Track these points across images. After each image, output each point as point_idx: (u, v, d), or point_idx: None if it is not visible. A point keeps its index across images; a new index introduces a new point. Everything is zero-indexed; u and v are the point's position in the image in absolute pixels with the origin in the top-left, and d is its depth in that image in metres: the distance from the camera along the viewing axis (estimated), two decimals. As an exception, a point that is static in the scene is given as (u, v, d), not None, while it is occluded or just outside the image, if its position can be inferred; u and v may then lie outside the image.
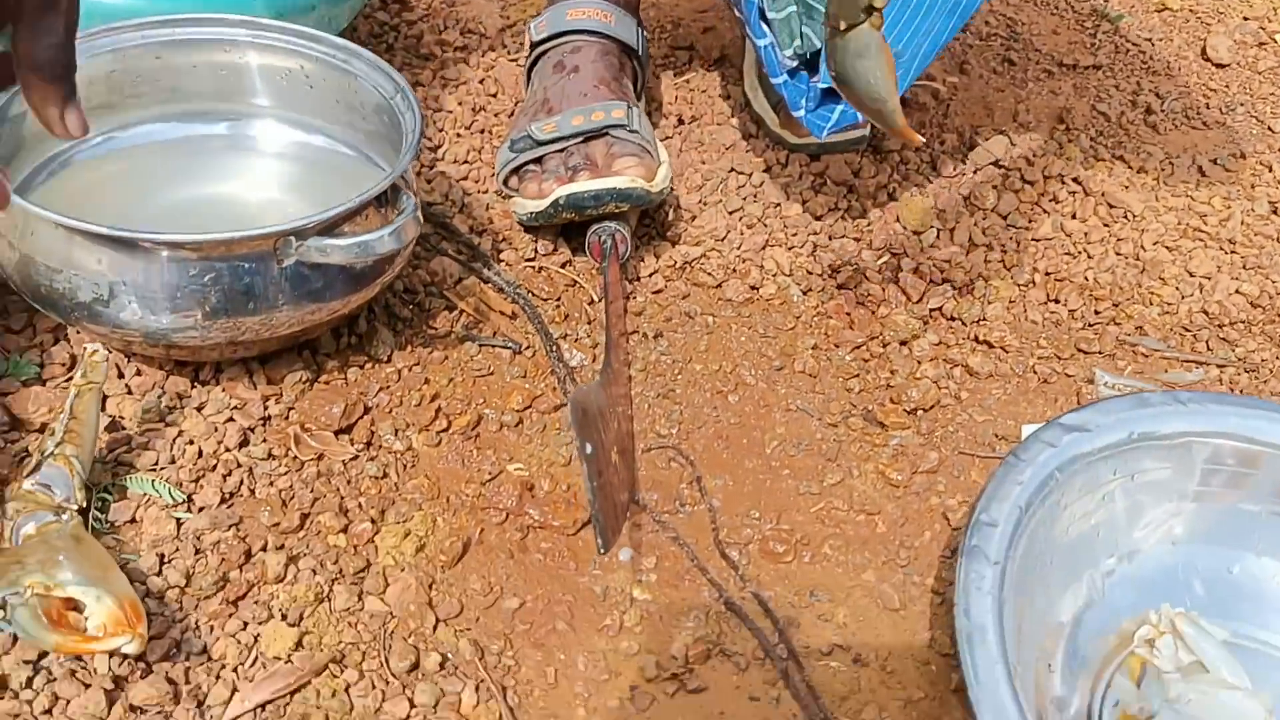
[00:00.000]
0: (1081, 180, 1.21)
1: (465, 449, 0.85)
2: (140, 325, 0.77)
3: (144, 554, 0.74)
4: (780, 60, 0.99)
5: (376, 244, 0.78)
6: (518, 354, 0.93)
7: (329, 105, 0.96)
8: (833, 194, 1.15)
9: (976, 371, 0.99)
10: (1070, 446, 0.76)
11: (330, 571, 0.75)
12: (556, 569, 0.78)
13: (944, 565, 0.83)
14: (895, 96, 0.74)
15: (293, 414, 0.84)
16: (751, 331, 1.00)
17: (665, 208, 1.09)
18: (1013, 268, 1.10)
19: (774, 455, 0.89)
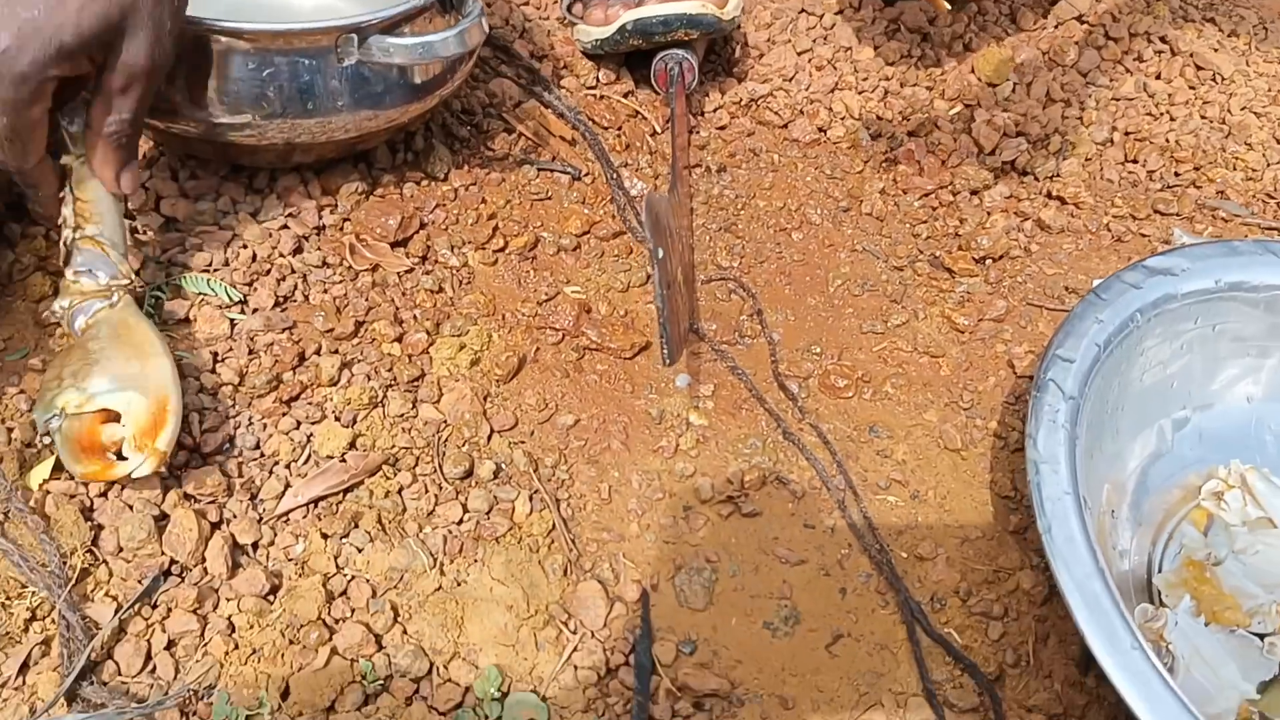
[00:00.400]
0: (1169, 40, 1.15)
1: (522, 269, 0.83)
2: (196, 121, 0.75)
3: (198, 351, 0.73)
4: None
5: (440, 46, 0.75)
6: (577, 180, 0.90)
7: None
8: (906, 41, 1.10)
9: (1048, 225, 0.95)
10: (1154, 289, 0.73)
11: (384, 378, 0.73)
12: (612, 390, 0.77)
13: (1008, 411, 0.81)
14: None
15: (348, 224, 0.82)
16: (818, 172, 0.96)
17: (732, 43, 1.05)
18: (1091, 125, 1.06)
19: (837, 294, 0.86)
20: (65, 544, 0.63)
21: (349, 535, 0.66)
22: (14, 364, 0.71)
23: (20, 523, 0.63)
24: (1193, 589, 0.69)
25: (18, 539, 0.62)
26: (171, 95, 0.74)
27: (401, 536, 0.66)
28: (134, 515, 0.64)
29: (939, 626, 0.68)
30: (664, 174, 0.92)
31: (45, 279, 0.75)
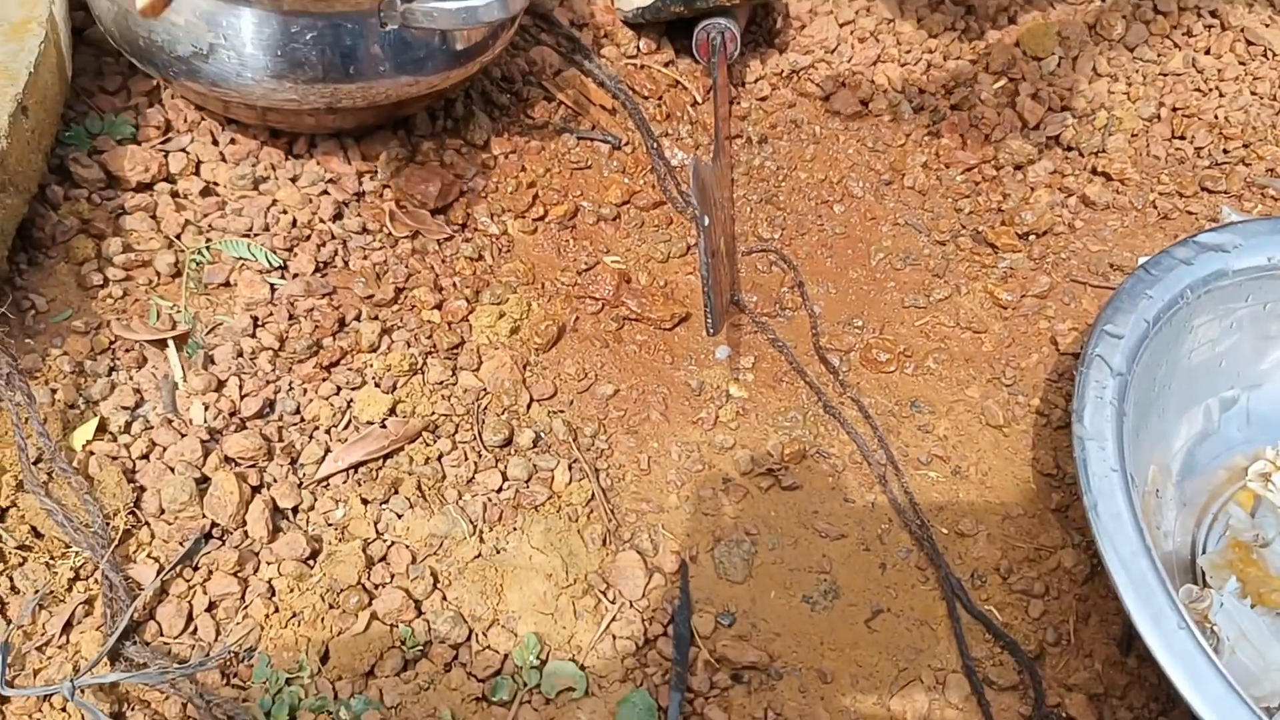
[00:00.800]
0: (1219, 14, 1.13)
1: (561, 238, 0.82)
2: (238, 84, 0.75)
3: (237, 315, 0.73)
4: None
5: (483, 11, 0.74)
6: (617, 149, 0.89)
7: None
8: (950, 13, 1.09)
9: (1094, 202, 0.94)
10: (1205, 265, 0.72)
11: (424, 345, 0.73)
12: (651, 361, 0.76)
13: (1050, 388, 0.80)
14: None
15: (388, 191, 0.82)
16: (860, 145, 0.95)
17: (774, 14, 1.04)
18: (1138, 101, 1.04)
19: (879, 267, 0.85)
20: (108, 505, 0.63)
21: (389, 501, 0.66)
22: (57, 325, 0.71)
23: (64, 483, 0.63)
24: (1239, 570, 0.68)
25: (62, 499, 0.63)
26: (212, 62, 0.73)
27: (441, 503, 0.66)
28: (175, 478, 0.64)
29: (979, 603, 0.68)
30: (705, 144, 0.91)
31: (88, 241, 0.75)
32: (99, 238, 0.75)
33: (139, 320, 0.72)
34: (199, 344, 0.71)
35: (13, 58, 0.73)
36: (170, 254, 0.75)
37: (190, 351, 0.71)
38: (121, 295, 0.73)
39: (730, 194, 0.87)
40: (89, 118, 0.81)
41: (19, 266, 0.73)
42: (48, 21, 0.76)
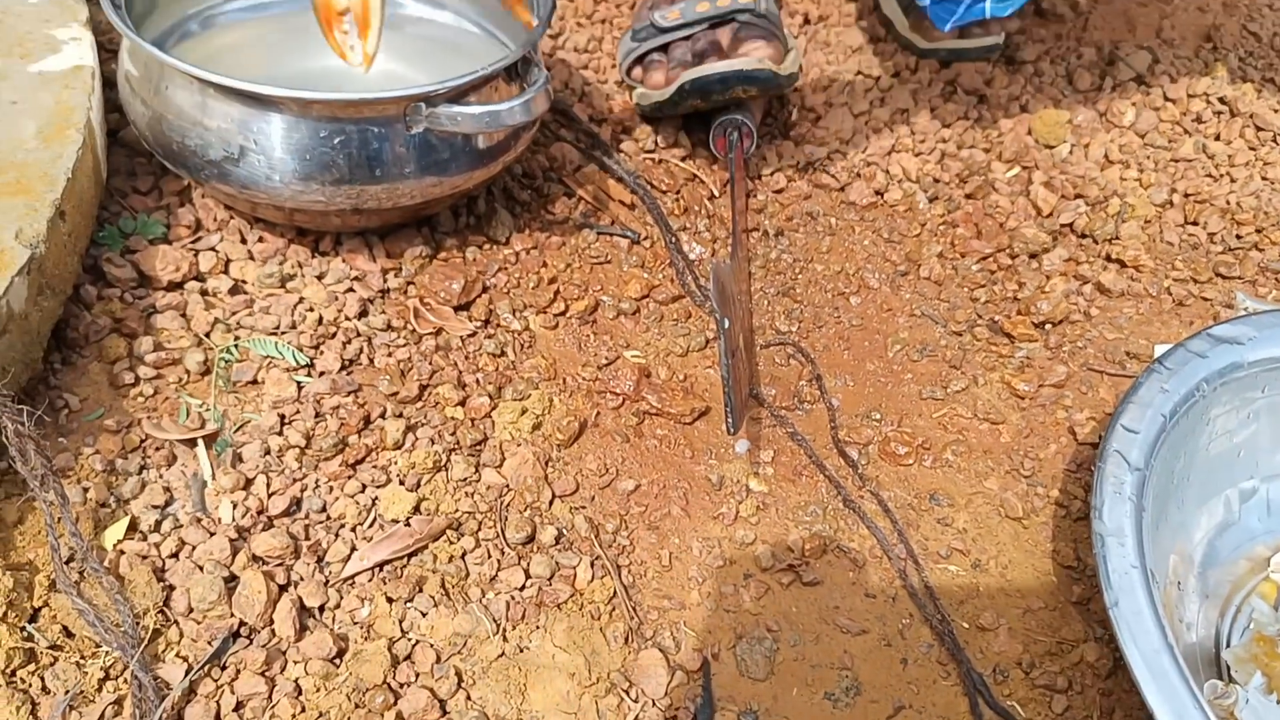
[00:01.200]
0: (1228, 100, 1.15)
1: (582, 333, 0.84)
2: (267, 186, 0.77)
3: (265, 413, 0.74)
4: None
5: (506, 115, 0.76)
6: (636, 243, 0.91)
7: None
8: (963, 103, 1.11)
9: (1109, 289, 0.95)
10: (1220, 357, 0.73)
11: (448, 442, 0.74)
12: (672, 455, 0.77)
13: (1069, 479, 0.80)
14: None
15: (412, 288, 0.84)
16: (875, 235, 0.97)
17: (789, 107, 1.06)
18: (1150, 187, 1.05)
19: (896, 359, 0.86)
20: (138, 604, 0.64)
21: (413, 599, 0.66)
22: (90, 424, 0.72)
23: (95, 583, 0.64)
24: (1264, 665, 0.68)
25: (93, 599, 0.63)
26: (243, 166, 0.76)
27: (465, 601, 0.67)
28: (204, 577, 0.65)
29: (1002, 699, 0.67)
30: (722, 237, 0.93)
31: (120, 340, 0.76)
32: (131, 337, 0.77)
33: (169, 419, 0.73)
34: (227, 442, 0.73)
35: (51, 163, 0.75)
36: (200, 352, 0.77)
37: (219, 449, 0.72)
38: (152, 394, 0.75)
39: (748, 287, 0.89)
40: (122, 218, 0.84)
41: (53, 366, 0.75)
42: (85, 127, 0.78)
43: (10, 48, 0.84)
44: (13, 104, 0.79)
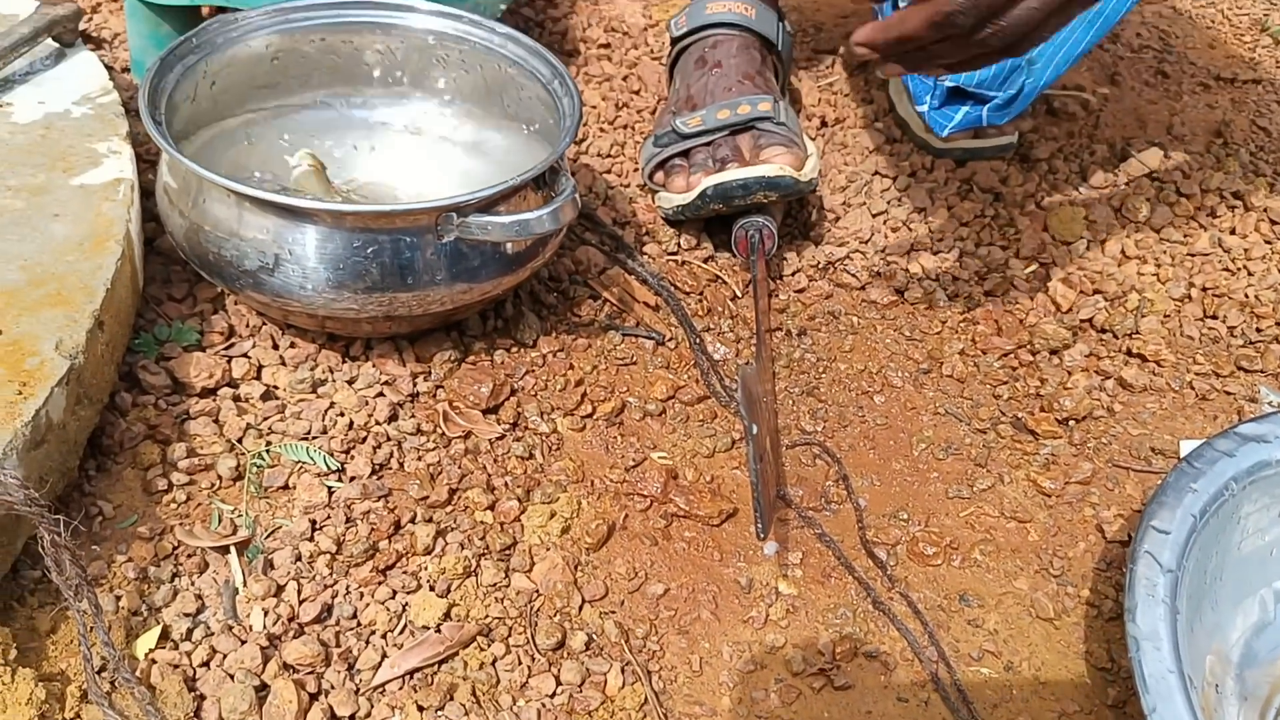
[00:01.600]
0: (1241, 195, 1.16)
1: (609, 435, 0.84)
2: (301, 295, 0.78)
3: (296, 519, 0.75)
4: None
5: (535, 223, 0.78)
6: (661, 345, 0.92)
7: (486, 89, 0.97)
8: (979, 201, 1.13)
9: (1131, 384, 0.95)
10: (1248, 456, 0.73)
11: (477, 546, 0.75)
12: (701, 558, 0.77)
13: (1099, 578, 0.80)
14: None
15: (441, 392, 0.85)
16: (897, 334, 0.98)
17: (808, 208, 1.08)
18: (1168, 282, 1.06)
19: (921, 458, 0.87)
20: (170, 715, 0.64)
21: (444, 708, 0.66)
22: (123, 532, 0.73)
23: (127, 693, 0.64)
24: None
25: (124, 710, 0.63)
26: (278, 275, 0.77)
27: (496, 709, 0.67)
28: (235, 686, 0.65)
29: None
30: (745, 338, 0.94)
31: (154, 447, 0.78)
32: (164, 443, 0.78)
33: (201, 525, 0.74)
34: (259, 548, 0.73)
35: (91, 275, 0.77)
36: (232, 458, 0.78)
37: (250, 556, 0.73)
38: (185, 500, 0.75)
39: (772, 387, 0.90)
40: (158, 325, 0.85)
41: (88, 473, 0.76)
42: (124, 238, 0.80)
43: (54, 162, 0.86)
44: (55, 217, 0.81)
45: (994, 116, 0.94)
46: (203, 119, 0.91)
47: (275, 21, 0.92)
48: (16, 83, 0.95)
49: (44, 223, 0.80)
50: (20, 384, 0.68)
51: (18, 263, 0.77)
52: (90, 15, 1.22)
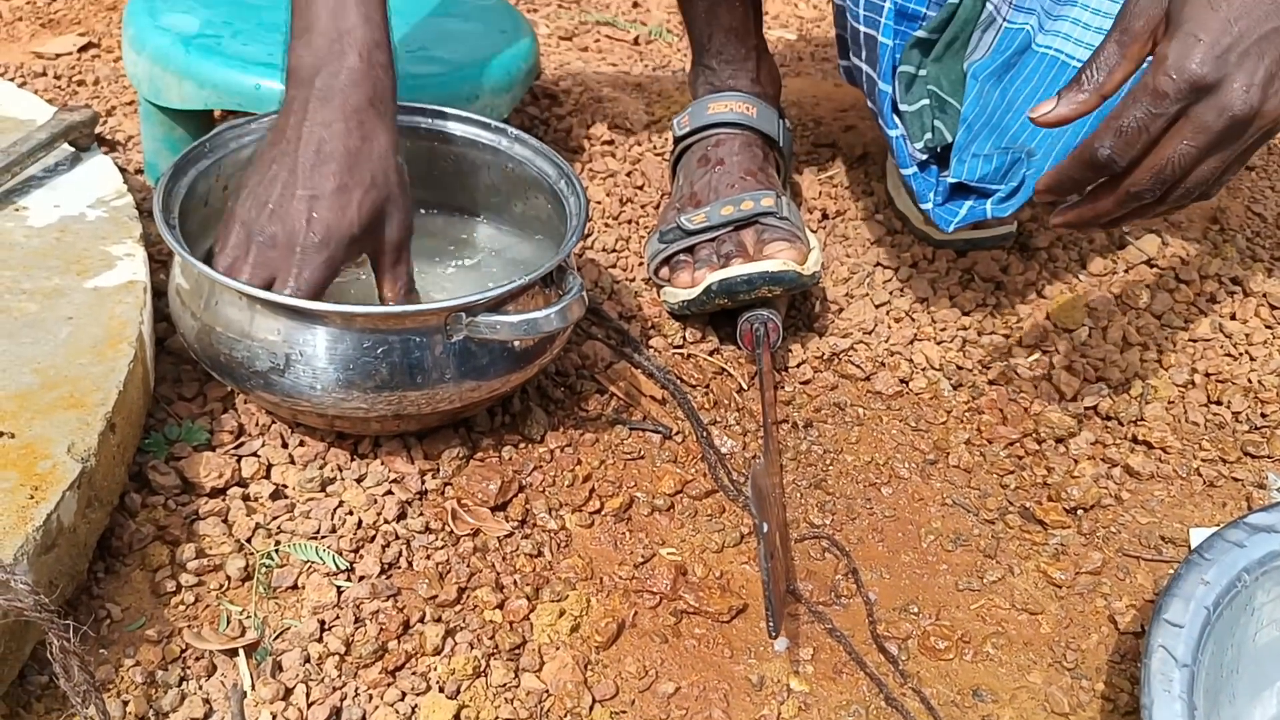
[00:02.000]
0: (1240, 280, 1.18)
1: (618, 531, 0.84)
2: (310, 395, 0.79)
3: (305, 620, 0.75)
4: (910, 152, 1.00)
5: (543, 322, 0.79)
6: (668, 439, 0.93)
7: (493, 189, 0.99)
8: (981, 290, 1.14)
9: (1138, 472, 0.95)
10: (1259, 546, 0.72)
11: (487, 646, 0.74)
12: (711, 655, 0.77)
13: (1114, 670, 0.79)
14: None
15: (449, 489, 0.85)
16: (903, 424, 0.98)
17: (812, 299, 1.09)
18: (1170, 368, 1.07)
19: (930, 550, 0.86)
20: (175, 826, 0.63)
21: (454, 815, 0.65)
22: (131, 635, 0.73)
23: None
24: None
25: (130, 821, 0.63)
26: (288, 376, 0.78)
27: (506, 816, 0.66)
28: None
29: None
30: (752, 430, 0.94)
31: (163, 548, 0.78)
32: (173, 544, 0.78)
33: (209, 627, 0.74)
34: (267, 650, 0.73)
35: (104, 377, 0.78)
36: (241, 558, 0.78)
37: (259, 658, 0.72)
38: (194, 601, 0.75)
39: (780, 480, 0.90)
40: (168, 425, 0.86)
41: (96, 576, 0.76)
42: (136, 340, 0.81)
43: (69, 265, 0.88)
44: (69, 319, 0.82)
45: (998, 209, 0.96)
46: (215, 221, 0.92)
47: (287, 126, 0.94)
48: (33, 187, 0.97)
49: (58, 325, 0.82)
50: (32, 488, 0.69)
51: (31, 366, 0.78)
52: (106, 119, 1.25)
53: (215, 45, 1.04)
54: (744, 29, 1.15)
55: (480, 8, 1.23)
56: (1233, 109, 0.67)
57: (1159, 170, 0.70)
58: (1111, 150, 0.70)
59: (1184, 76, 0.67)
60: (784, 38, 1.70)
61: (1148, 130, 0.69)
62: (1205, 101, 0.68)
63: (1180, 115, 0.69)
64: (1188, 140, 0.69)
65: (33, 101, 1.08)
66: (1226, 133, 0.69)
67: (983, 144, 0.97)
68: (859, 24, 0.98)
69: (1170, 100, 0.68)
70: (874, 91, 1.00)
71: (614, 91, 1.41)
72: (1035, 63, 0.97)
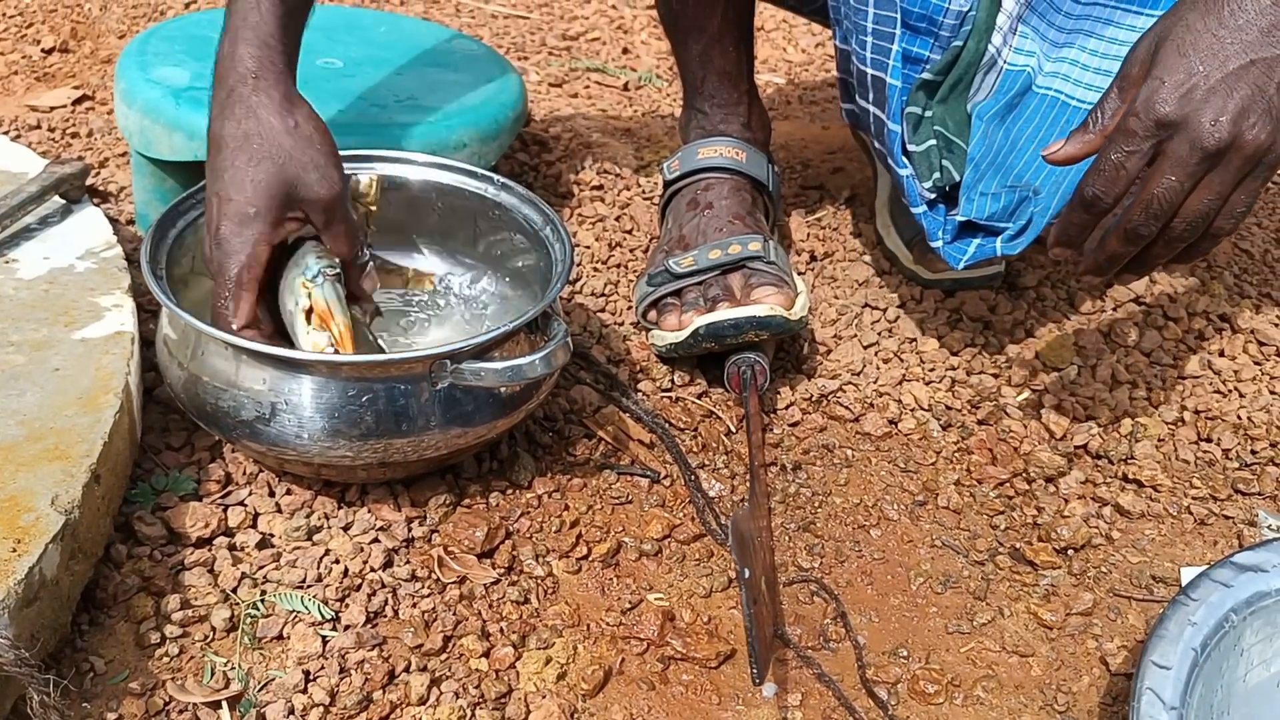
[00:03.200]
0: (1228, 317, 1.18)
1: (605, 576, 0.84)
2: (296, 444, 0.79)
3: (290, 670, 0.74)
4: (920, 191, 1.00)
5: (528, 368, 0.79)
6: (656, 483, 0.92)
7: (479, 236, 0.99)
8: (969, 329, 1.14)
9: (1128, 511, 0.95)
10: (1245, 587, 0.72)
11: (473, 695, 0.74)
12: (699, 702, 0.76)
13: (1105, 713, 0.78)
14: None
15: (436, 536, 0.85)
16: (892, 466, 0.98)
17: (800, 341, 1.09)
18: (1160, 405, 1.07)
19: (920, 592, 0.86)
20: None
21: None
22: (114, 688, 0.72)
23: None
24: None
25: None
26: (274, 425, 0.78)
27: None
28: None
29: None
30: (740, 473, 0.94)
31: (148, 599, 0.77)
32: (158, 595, 0.78)
33: (194, 679, 0.73)
34: (251, 702, 0.72)
35: (89, 429, 0.78)
36: (226, 608, 0.77)
37: (243, 710, 0.72)
38: (178, 653, 0.75)
39: (768, 524, 0.90)
40: (155, 475, 0.86)
41: (80, 628, 0.76)
42: (123, 391, 0.82)
43: (56, 316, 0.88)
44: (55, 371, 0.83)
45: (1007, 248, 0.97)
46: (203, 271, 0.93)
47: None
48: (24, 239, 0.98)
49: (44, 377, 0.82)
50: (15, 541, 0.69)
51: (16, 418, 0.78)
52: (99, 170, 1.26)
53: (205, 98, 1.05)
54: (737, 73, 1.16)
55: (468, 57, 1.24)
56: (1201, 142, 0.71)
57: (1147, 204, 0.74)
58: (1095, 188, 0.75)
59: (1149, 115, 0.72)
60: (773, 81, 1.71)
61: (1124, 167, 0.74)
62: (1176, 137, 0.72)
63: (1158, 153, 0.73)
64: (1168, 174, 0.73)
65: (25, 154, 1.09)
66: (1202, 165, 0.72)
67: (989, 183, 0.98)
68: (866, 67, 0.99)
69: (1139, 138, 0.73)
70: (883, 133, 1.01)
71: (603, 137, 1.42)
72: (1037, 103, 0.98)
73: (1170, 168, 0.73)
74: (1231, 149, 0.72)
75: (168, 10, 1.67)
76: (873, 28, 0.97)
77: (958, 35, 0.97)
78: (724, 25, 1.13)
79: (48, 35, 1.55)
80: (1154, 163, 0.74)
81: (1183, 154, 0.72)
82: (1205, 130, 0.71)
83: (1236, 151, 0.72)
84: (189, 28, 1.20)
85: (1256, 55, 0.71)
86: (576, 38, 1.78)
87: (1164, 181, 0.73)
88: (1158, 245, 0.78)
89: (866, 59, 0.99)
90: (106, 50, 1.55)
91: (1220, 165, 0.73)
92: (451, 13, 1.81)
